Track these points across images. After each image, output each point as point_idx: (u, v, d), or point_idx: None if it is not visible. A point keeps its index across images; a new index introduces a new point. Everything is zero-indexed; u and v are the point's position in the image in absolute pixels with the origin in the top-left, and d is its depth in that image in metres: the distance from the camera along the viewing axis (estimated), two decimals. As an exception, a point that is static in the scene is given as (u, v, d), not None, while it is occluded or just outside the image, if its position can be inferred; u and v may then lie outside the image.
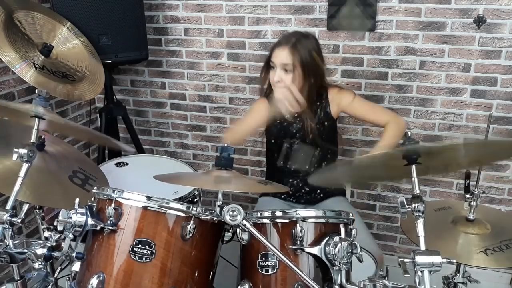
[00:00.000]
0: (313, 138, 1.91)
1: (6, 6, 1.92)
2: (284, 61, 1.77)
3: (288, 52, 1.76)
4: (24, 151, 1.30)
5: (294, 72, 1.77)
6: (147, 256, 1.22)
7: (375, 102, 2.44)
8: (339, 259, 1.20)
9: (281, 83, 1.78)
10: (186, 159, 2.85)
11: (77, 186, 1.62)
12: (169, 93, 2.80)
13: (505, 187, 2.40)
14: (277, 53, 1.78)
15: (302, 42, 1.79)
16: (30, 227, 2.42)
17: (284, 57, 1.76)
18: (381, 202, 2.63)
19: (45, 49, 2.01)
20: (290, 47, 1.76)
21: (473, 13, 2.17)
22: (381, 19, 2.30)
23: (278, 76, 1.78)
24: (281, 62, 1.77)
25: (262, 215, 1.30)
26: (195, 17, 2.58)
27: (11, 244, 1.26)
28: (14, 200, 1.29)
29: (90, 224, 1.23)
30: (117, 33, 2.33)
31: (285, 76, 1.78)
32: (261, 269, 1.28)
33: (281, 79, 1.78)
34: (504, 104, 2.28)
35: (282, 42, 1.80)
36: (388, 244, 2.70)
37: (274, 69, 1.80)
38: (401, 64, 2.35)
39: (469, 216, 1.53)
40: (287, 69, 1.77)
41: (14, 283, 1.32)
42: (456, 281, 1.61)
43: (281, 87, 1.77)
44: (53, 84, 1.95)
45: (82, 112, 2.81)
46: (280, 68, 1.78)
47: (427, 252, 1.13)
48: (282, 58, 1.77)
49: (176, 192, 1.86)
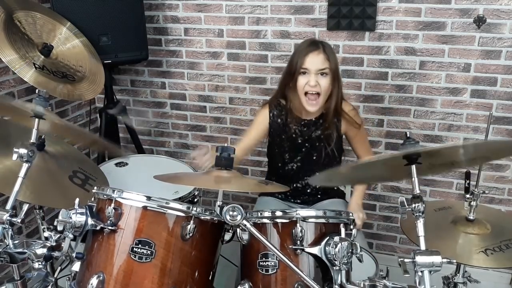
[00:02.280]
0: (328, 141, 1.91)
1: (6, 6, 1.92)
2: (320, 66, 1.77)
3: (324, 56, 1.77)
4: (24, 151, 1.30)
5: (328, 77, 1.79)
6: (147, 256, 1.22)
7: (375, 102, 2.45)
8: (339, 259, 1.20)
9: (317, 87, 1.77)
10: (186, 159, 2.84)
11: (77, 186, 1.62)
12: (169, 93, 2.80)
13: (505, 187, 2.40)
14: (311, 59, 1.77)
15: (328, 47, 1.81)
16: (30, 227, 2.42)
17: (321, 62, 1.77)
18: (381, 202, 2.63)
19: (45, 49, 2.01)
20: (324, 52, 1.77)
21: (473, 13, 2.17)
22: (381, 19, 2.30)
23: (314, 80, 1.76)
24: (317, 68, 1.76)
25: (262, 215, 1.30)
26: (195, 17, 2.58)
27: (11, 244, 1.26)
28: (14, 200, 1.29)
29: (90, 224, 1.24)
30: (117, 33, 2.33)
31: (322, 81, 1.78)
32: (261, 269, 1.28)
33: (317, 83, 1.77)
34: (504, 104, 2.28)
35: (312, 48, 1.79)
36: (388, 244, 2.70)
37: (305, 75, 1.78)
38: (401, 64, 2.35)
39: (469, 216, 1.53)
40: (323, 73, 1.78)
41: (14, 283, 1.32)
42: (456, 281, 1.61)
43: (314, 91, 1.78)
44: (53, 84, 1.95)
45: (82, 112, 2.81)
46: (315, 74, 1.77)
47: (427, 252, 1.13)
48: (318, 63, 1.76)
49: (176, 192, 1.86)
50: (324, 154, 1.93)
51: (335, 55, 1.82)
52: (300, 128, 1.92)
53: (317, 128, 1.92)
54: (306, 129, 1.92)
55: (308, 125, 1.92)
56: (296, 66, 1.79)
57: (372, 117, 2.47)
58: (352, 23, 2.31)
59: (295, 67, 1.80)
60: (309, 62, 1.77)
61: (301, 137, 1.93)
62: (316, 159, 1.95)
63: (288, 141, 1.94)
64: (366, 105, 2.46)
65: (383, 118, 2.46)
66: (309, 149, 1.95)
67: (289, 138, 1.94)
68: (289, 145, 1.95)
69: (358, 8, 2.27)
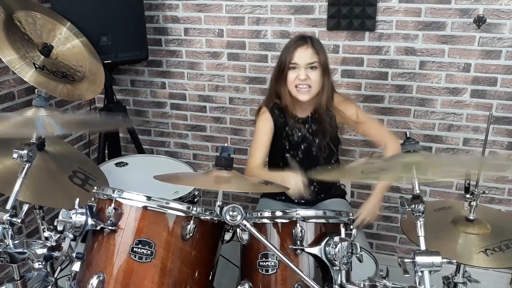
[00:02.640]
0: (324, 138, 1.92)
1: (6, 6, 1.92)
2: (309, 60, 1.79)
3: (312, 50, 1.79)
4: (24, 151, 1.30)
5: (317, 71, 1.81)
6: (147, 256, 1.22)
7: (375, 102, 2.45)
8: (339, 259, 1.20)
9: (307, 81, 1.79)
10: (186, 159, 2.85)
11: (77, 186, 1.62)
12: (169, 93, 2.80)
13: (505, 187, 2.40)
14: (300, 53, 1.79)
15: (316, 42, 1.84)
16: (30, 227, 2.42)
17: (309, 56, 1.79)
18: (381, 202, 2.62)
19: (45, 49, 2.01)
20: (312, 46, 1.79)
21: (473, 13, 2.17)
22: (381, 19, 2.30)
23: (304, 74, 1.78)
24: (306, 62, 1.79)
25: (262, 215, 1.30)
26: (195, 17, 2.58)
27: (11, 244, 1.26)
28: (14, 200, 1.29)
29: (90, 224, 1.24)
30: (117, 33, 2.33)
31: (311, 74, 1.80)
32: (261, 269, 1.28)
33: (308, 77, 1.79)
34: (504, 104, 2.28)
35: (300, 42, 1.81)
36: (388, 244, 2.70)
37: (295, 70, 1.80)
38: (401, 64, 2.35)
39: (469, 216, 1.52)
40: (312, 67, 1.80)
41: (14, 283, 1.32)
42: (456, 281, 1.61)
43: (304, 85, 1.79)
44: (53, 84, 1.95)
45: (82, 112, 2.81)
46: (305, 68, 1.79)
47: (427, 252, 1.13)
48: (307, 58, 1.79)
49: (176, 192, 1.86)
50: (323, 148, 1.94)
51: (324, 49, 1.85)
52: (298, 125, 1.93)
53: (313, 124, 1.93)
54: (303, 126, 1.94)
55: (304, 122, 1.94)
56: (286, 61, 1.81)
57: (372, 117, 2.47)
58: (352, 23, 2.31)
59: (284, 62, 1.81)
60: (298, 57, 1.79)
61: (300, 134, 1.94)
62: (316, 154, 1.96)
63: (287, 139, 1.95)
64: (366, 105, 2.46)
65: (383, 118, 2.46)
66: (308, 145, 1.96)
67: (288, 136, 1.95)
68: (289, 144, 1.96)
69: (358, 8, 2.27)
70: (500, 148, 2.34)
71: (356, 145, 2.55)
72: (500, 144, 2.33)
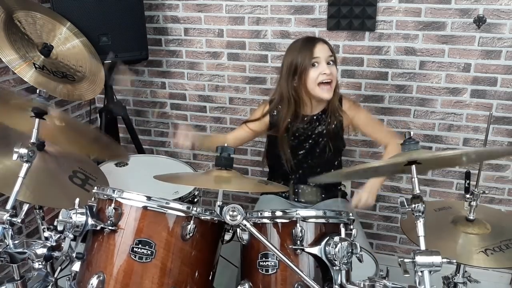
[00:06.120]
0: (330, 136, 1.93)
1: (6, 6, 1.92)
2: (329, 53, 1.82)
3: (327, 46, 1.83)
4: (24, 151, 1.30)
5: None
6: (147, 256, 1.22)
7: (375, 102, 2.45)
8: (339, 259, 1.20)
9: (330, 76, 1.80)
10: (186, 159, 2.84)
11: (77, 186, 1.62)
12: (169, 93, 2.80)
13: (505, 187, 2.40)
14: (319, 48, 1.81)
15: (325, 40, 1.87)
16: (30, 227, 2.42)
17: (327, 50, 1.82)
18: (381, 202, 2.63)
19: (45, 49, 2.01)
20: (325, 43, 1.84)
21: (473, 13, 2.17)
22: (381, 19, 2.30)
23: (328, 68, 1.80)
24: (327, 55, 1.81)
25: (262, 215, 1.30)
26: (195, 17, 2.58)
27: (11, 244, 1.26)
28: (14, 200, 1.29)
29: (90, 224, 1.24)
30: (117, 33, 2.33)
31: (332, 69, 1.82)
32: (261, 269, 1.28)
33: (330, 71, 1.80)
34: (504, 104, 2.28)
35: (314, 40, 1.84)
36: (388, 244, 2.70)
37: (317, 67, 1.81)
38: (401, 64, 2.35)
39: (469, 216, 1.53)
40: (331, 61, 1.83)
41: (14, 283, 1.32)
42: (456, 281, 1.61)
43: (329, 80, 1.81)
44: (53, 84, 1.95)
45: (82, 112, 2.81)
46: (326, 62, 1.81)
47: (427, 252, 1.13)
48: (326, 52, 1.82)
49: (176, 192, 1.86)
50: (327, 149, 1.94)
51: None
52: (303, 125, 1.93)
53: (320, 123, 1.93)
54: (309, 125, 1.93)
55: (311, 121, 1.93)
56: (304, 61, 1.80)
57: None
58: (352, 23, 2.31)
59: (302, 63, 1.80)
60: (319, 51, 1.80)
61: (304, 134, 1.94)
62: (319, 154, 1.96)
63: (290, 139, 1.95)
64: (366, 105, 2.45)
65: (383, 118, 2.46)
66: (312, 145, 1.95)
67: (290, 136, 1.94)
68: (291, 143, 1.95)
69: (358, 8, 2.27)
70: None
71: (356, 145, 2.55)
72: (500, 144, 2.33)
